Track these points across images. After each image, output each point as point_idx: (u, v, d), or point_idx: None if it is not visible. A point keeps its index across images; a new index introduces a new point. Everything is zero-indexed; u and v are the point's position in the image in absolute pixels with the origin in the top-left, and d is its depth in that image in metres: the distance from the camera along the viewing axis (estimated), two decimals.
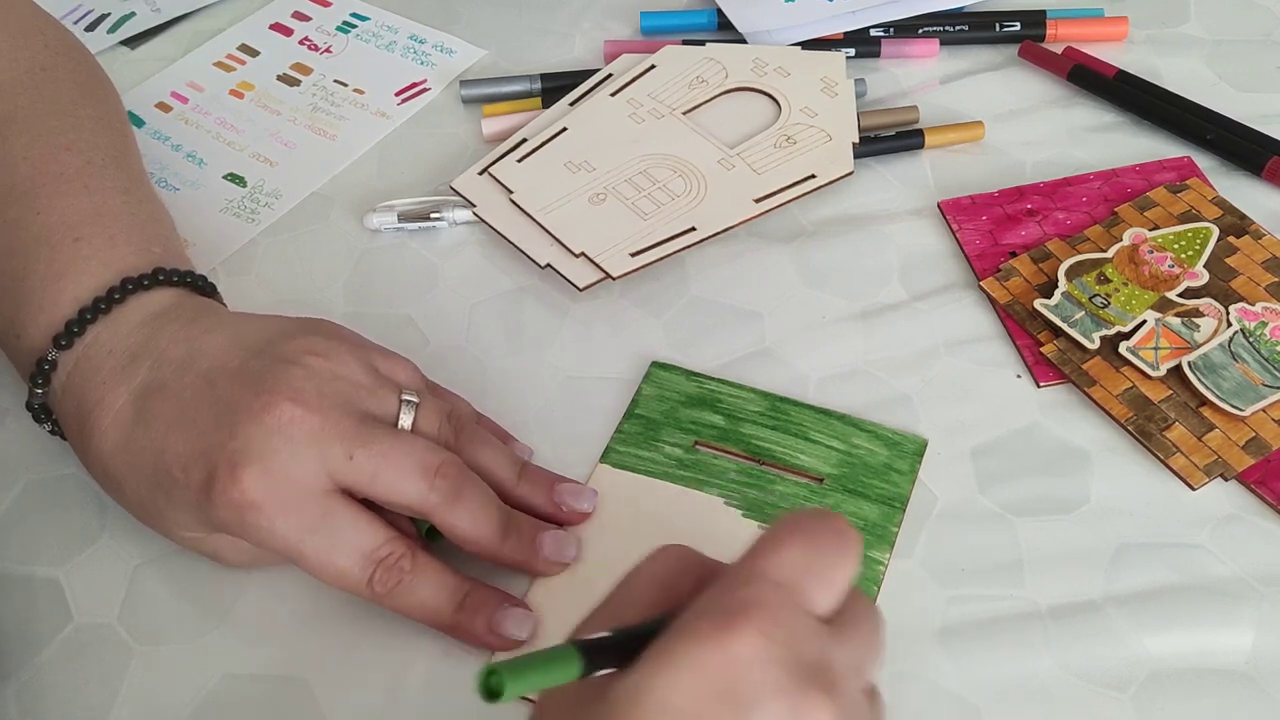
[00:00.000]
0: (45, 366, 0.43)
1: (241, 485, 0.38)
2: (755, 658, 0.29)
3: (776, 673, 0.29)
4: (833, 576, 0.32)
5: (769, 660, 0.29)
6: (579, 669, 0.29)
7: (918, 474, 0.47)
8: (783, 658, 0.29)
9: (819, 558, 0.32)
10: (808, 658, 0.30)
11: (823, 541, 0.32)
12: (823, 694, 0.29)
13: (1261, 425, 0.47)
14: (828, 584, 0.32)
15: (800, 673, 0.29)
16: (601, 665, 0.30)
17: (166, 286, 0.45)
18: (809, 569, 0.32)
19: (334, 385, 0.41)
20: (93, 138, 0.49)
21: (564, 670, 0.29)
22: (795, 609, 0.31)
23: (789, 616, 0.30)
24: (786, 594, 0.31)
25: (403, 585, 0.40)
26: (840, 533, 0.33)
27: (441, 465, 0.41)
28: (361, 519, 0.40)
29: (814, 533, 0.32)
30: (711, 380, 0.50)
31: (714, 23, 0.67)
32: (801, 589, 0.31)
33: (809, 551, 0.32)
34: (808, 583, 0.32)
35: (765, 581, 0.31)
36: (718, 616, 0.30)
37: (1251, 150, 0.58)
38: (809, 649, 0.30)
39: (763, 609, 0.30)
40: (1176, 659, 0.42)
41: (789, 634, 0.30)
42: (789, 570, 0.31)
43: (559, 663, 0.29)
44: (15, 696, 0.42)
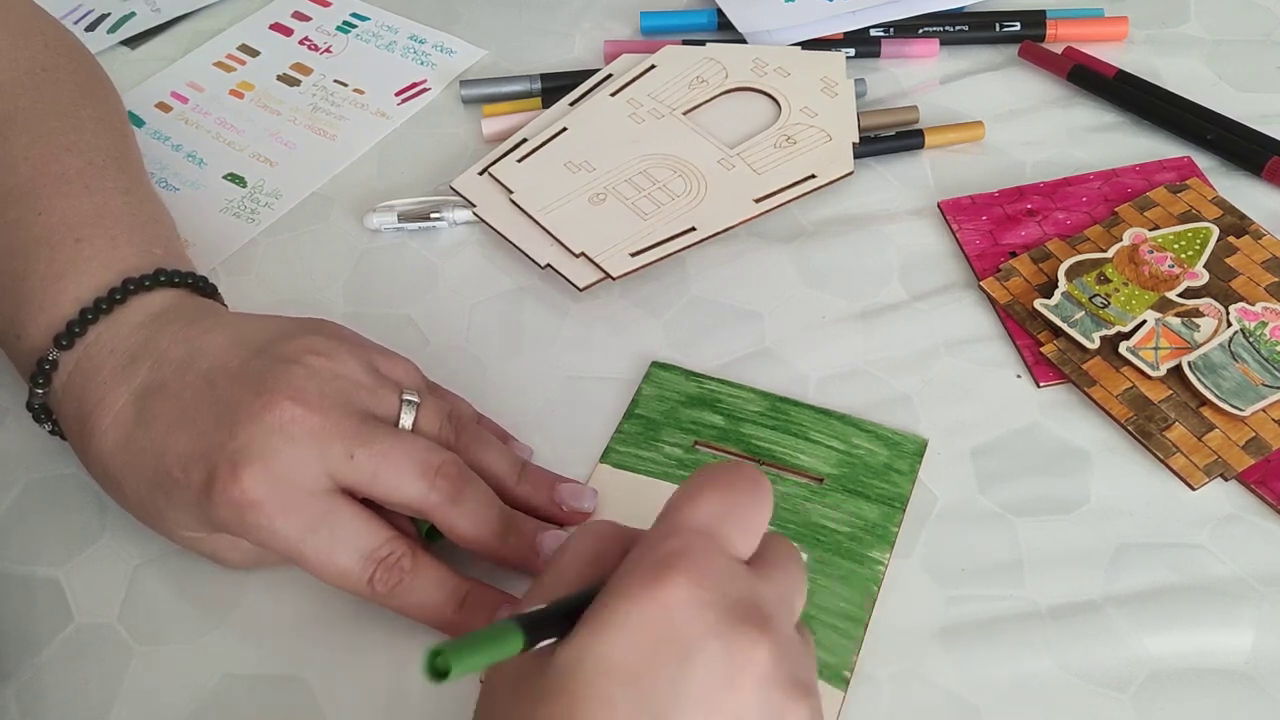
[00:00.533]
0: (46, 366, 0.43)
1: (242, 485, 0.38)
2: (687, 604, 0.30)
3: (709, 615, 0.31)
4: (750, 521, 0.34)
5: (700, 604, 0.31)
6: (521, 643, 0.30)
7: (918, 474, 0.47)
8: (713, 600, 0.31)
9: (735, 504, 0.34)
10: (737, 598, 0.31)
11: (737, 488, 0.34)
12: (756, 629, 0.31)
13: (1261, 425, 0.47)
14: (746, 528, 0.34)
15: (732, 612, 0.31)
16: (542, 638, 0.31)
17: (167, 287, 0.45)
18: (726, 516, 0.33)
19: (335, 385, 0.41)
20: (93, 138, 0.49)
21: (506, 645, 0.30)
22: (719, 554, 0.32)
23: (714, 561, 0.32)
24: (709, 541, 0.33)
25: (403, 585, 0.40)
26: (752, 479, 0.35)
27: (442, 465, 0.41)
28: (362, 518, 0.40)
29: (727, 482, 0.34)
30: (711, 380, 0.50)
31: (714, 23, 0.67)
32: (722, 535, 0.33)
33: (725, 499, 0.34)
34: (727, 528, 0.33)
35: (687, 532, 0.33)
36: (646, 571, 0.31)
37: (1251, 150, 0.58)
38: (737, 590, 0.32)
39: (688, 557, 0.31)
40: (1176, 659, 0.42)
41: (716, 578, 0.31)
42: (708, 519, 0.33)
43: (501, 639, 0.30)
44: (15, 696, 0.42)
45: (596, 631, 0.30)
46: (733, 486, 0.34)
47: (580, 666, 0.30)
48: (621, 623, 0.30)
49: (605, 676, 0.30)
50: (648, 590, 0.31)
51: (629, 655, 0.30)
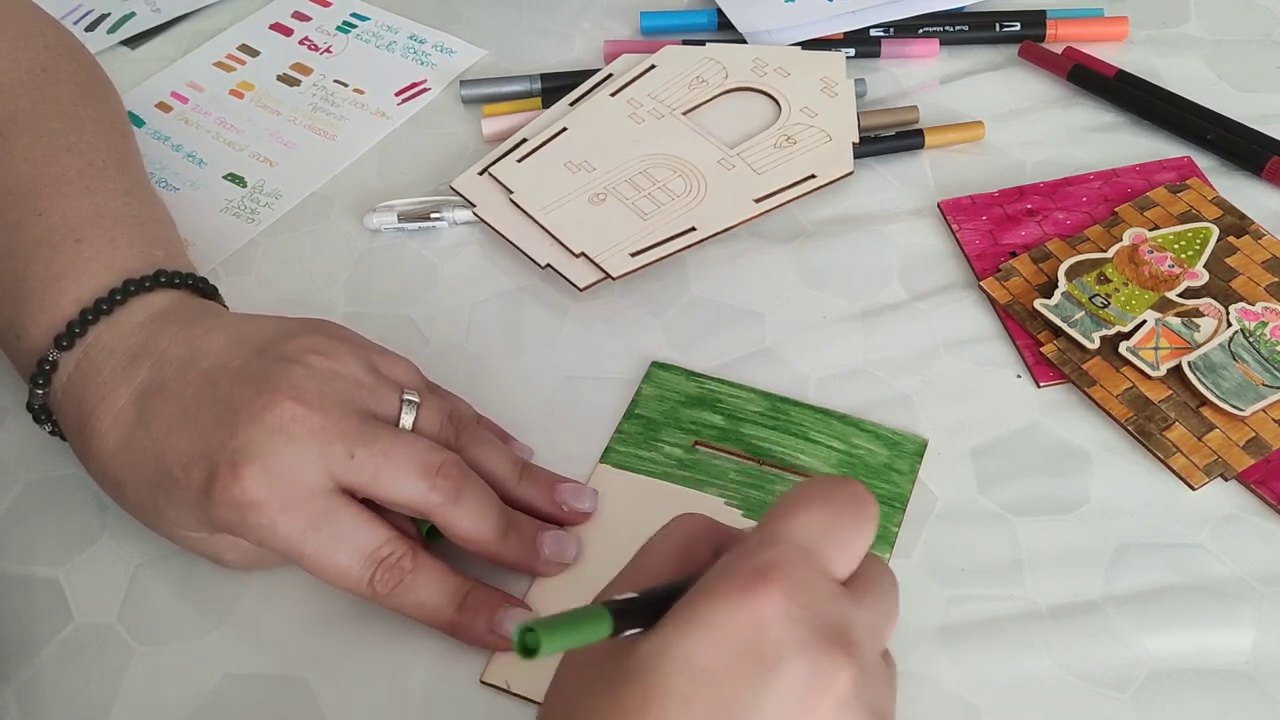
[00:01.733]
0: (46, 367, 0.43)
1: (243, 484, 0.38)
2: (778, 617, 0.30)
3: (798, 631, 0.30)
4: (851, 540, 0.33)
5: (791, 619, 0.30)
6: (610, 628, 0.30)
7: (918, 474, 0.47)
8: (804, 617, 0.30)
9: (838, 522, 0.33)
10: (829, 618, 0.31)
11: (841, 506, 0.33)
12: (843, 653, 0.30)
13: (1261, 425, 0.47)
14: (846, 548, 0.33)
15: (821, 632, 0.30)
16: (628, 626, 0.31)
17: (168, 288, 0.45)
18: (828, 532, 0.33)
19: (335, 384, 0.41)
20: (94, 139, 0.49)
21: (595, 629, 0.30)
22: (815, 571, 0.32)
23: (810, 578, 0.31)
24: (807, 556, 0.32)
25: (403, 585, 0.40)
26: (859, 498, 0.34)
27: (443, 465, 0.41)
28: (362, 518, 0.40)
29: (833, 497, 0.33)
30: (711, 380, 0.50)
31: (714, 23, 0.67)
32: (821, 552, 0.32)
33: (828, 515, 0.33)
34: (827, 546, 0.33)
35: (786, 544, 0.32)
36: (741, 578, 0.31)
37: (1251, 150, 0.58)
38: (829, 610, 0.31)
39: (784, 570, 0.31)
40: (1176, 659, 0.42)
41: (810, 595, 0.31)
42: (809, 533, 0.32)
43: (591, 622, 0.30)
44: (15, 696, 0.42)
45: (683, 629, 0.30)
46: (837, 503, 0.33)
47: (662, 659, 0.30)
48: (709, 624, 0.30)
49: (685, 674, 0.30)
50: (739, 596, 0.30)
51: (712, 657, 0.30)
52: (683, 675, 0.30)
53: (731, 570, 0.31)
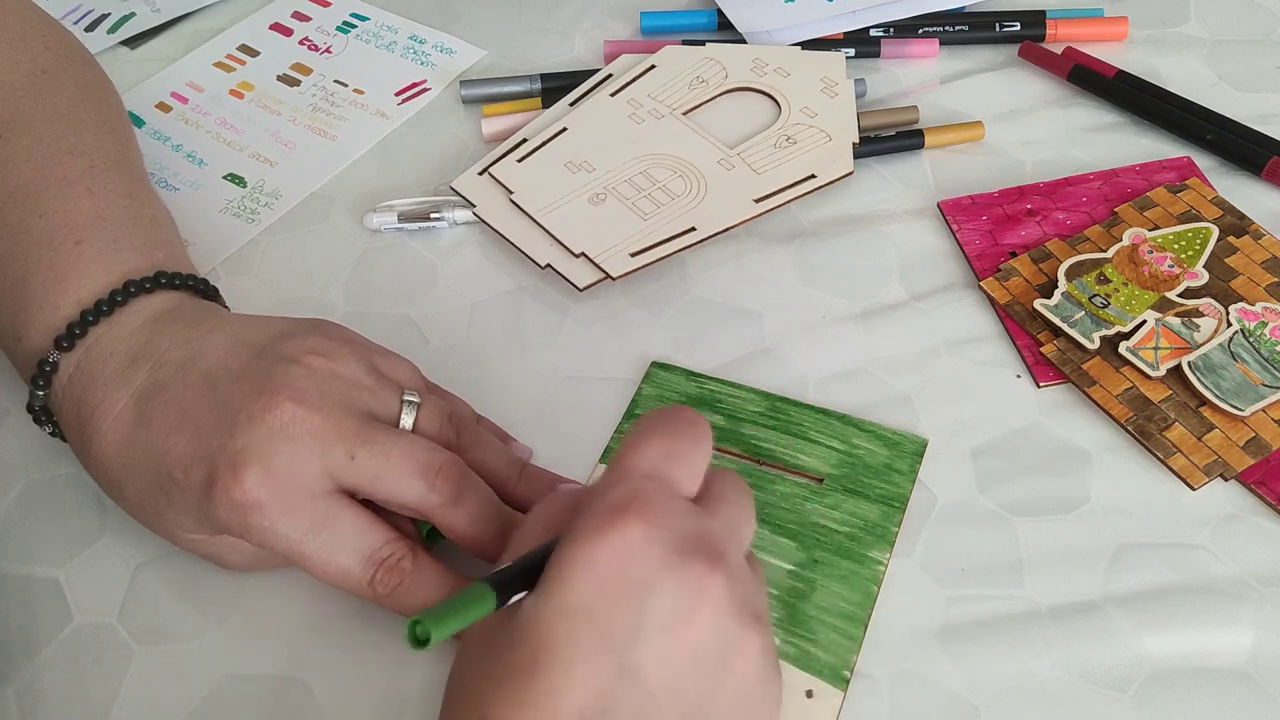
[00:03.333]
0: (46, 368, 0.43)
1: (243, 485, 0.38)
2: (640, 542, 0.32)
3: (663, 552, 0.32)
4: (692, 460, 0.36)
5: (652, 542, 0.32)
6: (493, 601, 0.32)
7: (918, 474, 0.47)
8: (664, 538, 0.33)
9: (676, 445, 0.36)
10: (687, 533, 0.33)
11: (677, 431, 0.36)
12: (707, 562, 0.33)
13: (1261, 425, 0.47)
14: (690, 467, 0.36)
15: (683, 547, 0.32)
16: (512, 594, 0.33)
17: (168, 289, 0.45)
18: (669, 457, 0.35)
19: (335, 385, 0.41)
20: (95, 140, 0.49)
21: (480, 606, 0.32)
22: (667, 494, 0.34)
23: (663, 501, 0.33)
24: (656, 482, 0.34)
25: (404, 586, 0.40)
26: (690, 420, 0.36)
27: (443, 466, 0.41)
28: (363, 519, 0.40)
29: (667, 426, 0.36)
30: (711, 380, 0.50)
31: (714, 23, 0.67)
32: (668, 476, 0.35)
33: (667, 443, 0.36)
34: (672, 469, 0.35)
35: (635, 476, 0.34)
36: (599, 516, 0.33)
37: (1251, 150, 0.58)
38: (686, 526, 0.33)
39: (639, 499, 0.33)
40: (1176, 659, 0.42)
41: (666, 516, 0.33)
42: (654, 462, 0.35)
43: (474, 600, 0.32)
44: (15, 697, 0.42)
45: (556, 577, 0.32)
46: (673, 430, 0.36)
47: (542, 611, 0.32)
48: (579, 566, 0.32)
49: (566, 618, 0.31)
50: (601, 533, 0.32)
51: (588, 596, 0.31)
52: (564, 620, 0.31)
53: (590, 513, 0.33)
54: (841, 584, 0.43)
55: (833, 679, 0.41)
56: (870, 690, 0.41)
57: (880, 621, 0.43)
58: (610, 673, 0.31)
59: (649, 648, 0.31)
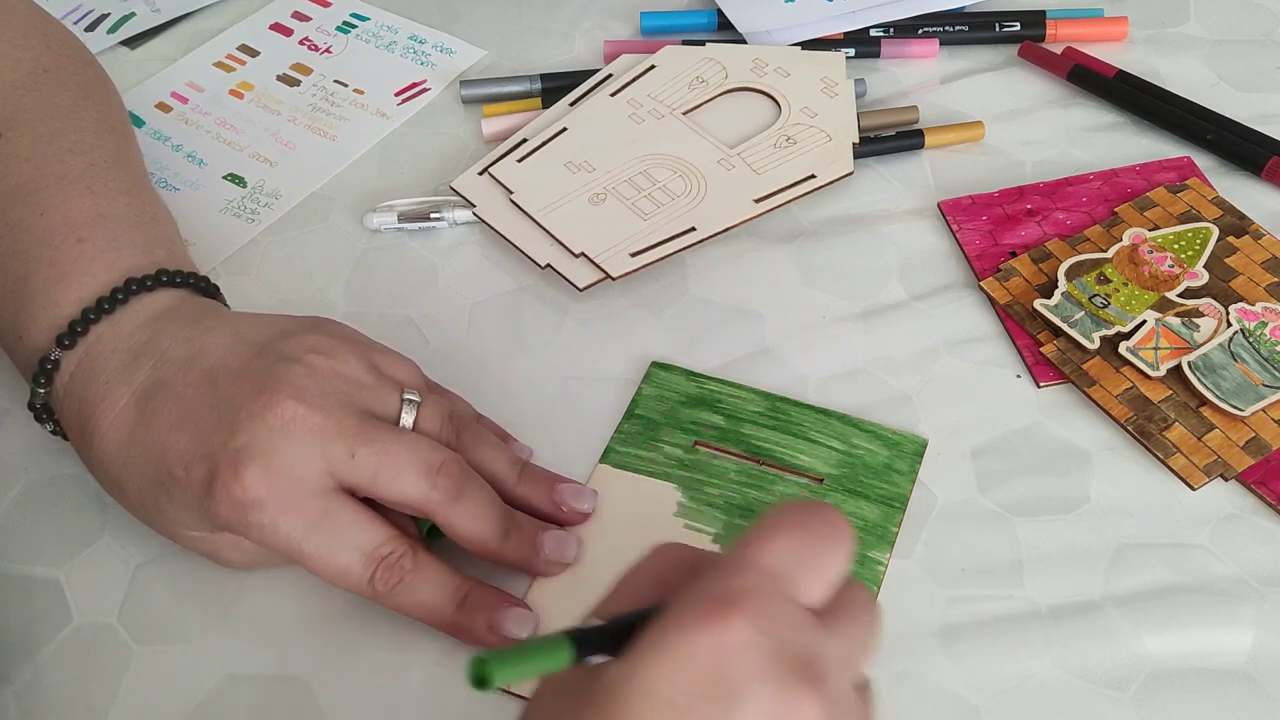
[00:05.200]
0: (48, 366, 0.43)
1: (244, 483, 0.39)
2: (743, 646, 0.29)
3: (764, 661, 0.29)
4: (824, 567, 0.32)
5: (756, 649, 0.29)
6: (569, 657, 0.30)
7: (918, 474, 0.47)
8: (770, 647, 0.29)
9: (810, 548, 0.32)
10: (796, 648, 0.30)
11: (815, 531, 0.32)
12: (810, 686, 0.29)
13: (1261, 425, 0.47)
14: (819, 574, 0.32)
15: (788, 663, 0.29)
16: (593, 653, 0.30)
17: (169, 287, 0.45)
18: (800, 559, 0.32)
19: (336, 384, 0.41)
20: (95, 139, 0.49)
21: (554, 658, 0.30)
22: (785, 599, 0.31)
23: (779, 606, 0.30)
24: (777, 583, 0.31)
25: (404, 584, 0.40)
26: (833, 523, 0.33)
27: (443, 464, 0.41)
28: (363, 517, 0.40)
29: (806, 523, 0.32)
30: (711, 380, 0.50)
31: (714, 23, 0.67)
32: (792, 579, 0.31)
33: (800, 541, 0.32)
34: (799, 573, 0.32)
35: (755, 571, 0.31)
36: (707, 605, 0.30)
37: (1251, 150, 0.58)
38: (798, 639, 0.30)
39: (752, 598, 0.30)
40: (1176, 659, 0.42)
41: (778, 624, 0.30)
42: (780, 559, 0.31)
43: (549, 651, 0.30)
44: (15, 697, 0.42)
45: (646, 657, 0.29)
46: (810, 528, 0.32)
47: (625, 686, 0.29)
48: (673, 653, 0.29)
49: (648, 702, 0.29)
50: (704, 624, 0.29)
51: (674, 686, 0.29)
52: (645, 703, 0.29)
53: (699, 597, 0.30)
54: None
55: None
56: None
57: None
58: None
59: None
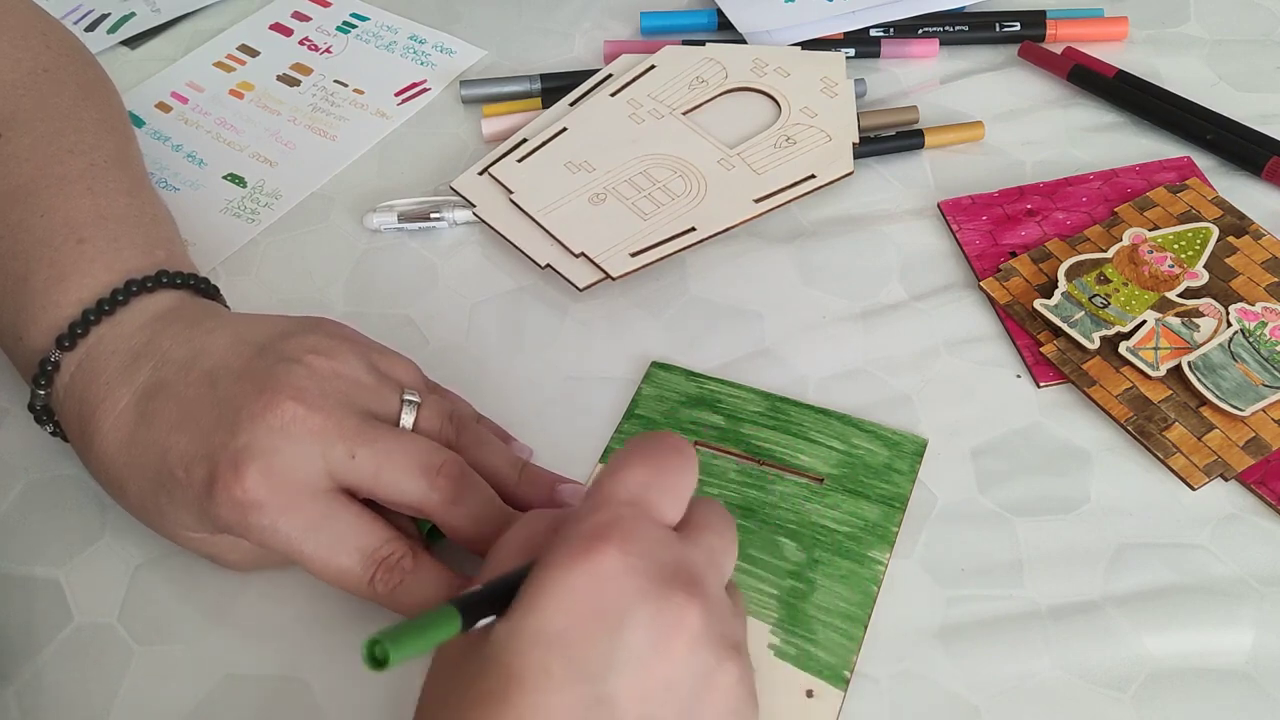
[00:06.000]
0: (48, 367, 0.43)
1: (244, 484, 0.39)
2: (617, 571, 0.32)
3: (640, 582, 0.32)
4: (676, 487, 0.35)
5: (631, 572, 0.32)
6: (458, 624, 0.31)
7: (918, 474, 0.47)
8: (642, 567, 0.32)
9: (660, 472, 0.35)
10: (665, 563, 0.33)
11: (662, 458, 0.35)
12: (684, 593, 0.32)
13: (1261, 425, 0.47)
14: (673, 495, 0.35)
15: (662, 578, 0.32)
16: (480, 617, 0.32)
17: (170, 288, 0.45)
18: (652, 484, 0.35)
19: (336, 384, 0.41)
20: (95, 139, 0.49)
21: (444, 628, 0.31)
22: (647, 522, 0.34)
23: (642, 530, 0.33)
24: (637, 510, 0.34)
25: (404, 585, 0.40)
26: (675, 447, 0.36)
27: (444, 464, 0.41)
28: (363, 518, 0.40)
29: (652, 451, 0.35)
30: (711, 380, 0.50)
31: (714, 23, 0.67)
32: (650, 504, 0.34)
33: (651, 469, 0.35)
34: (654, 497, 0.35)
35: (616, 503, 0.34)
36: (577, 542, 0.32)
37: (1251, 150, 0.58)
38: (665, 555, 0.33)
39: (617, 527, 0.33)
40: (1176, 659, 0.42)
41: (644, 545, 0.33)
42: (635, 489, 0.34)
43: (438, 622, 0.31)
44: (16, 697, 0.42)
45: (530, 603, 0.31)
46: (658, 455, 0.35)
47: (515, 638, 0.31)
48: (555, 592, 0.31)
49: (540, 646, 0.31)
50: (578, 561, 0.32)
51: (563, 624, 0.31)
52: (538, 648, 0.31)
53: (567, 539, 0.33)
54: (842, 584, 0.43)
55: (833, 679, 0.41)
56: (870, 690, 0.41)
57: (880, 621, 0.43)
58: (583, 704, 0.31)
59: (623, 679, 0.31)
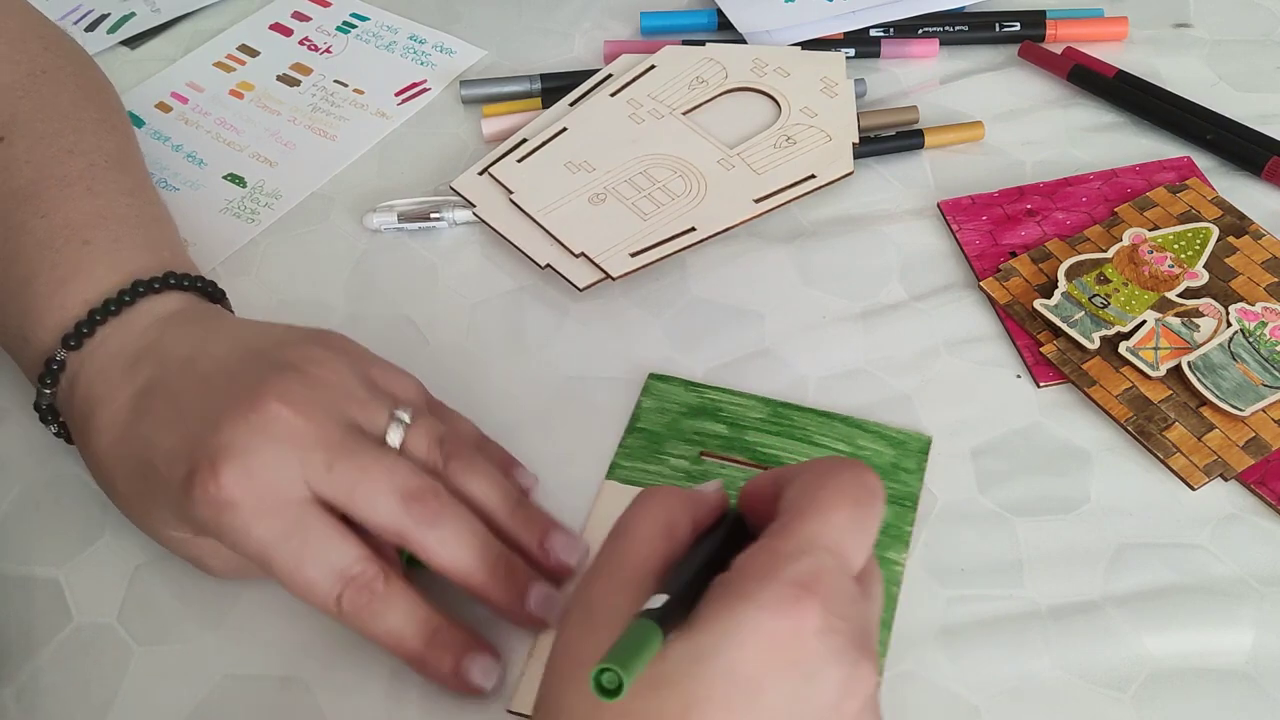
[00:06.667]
0: (54, 367, 0.43)
1: (219, 481, 0.38)
2: (818, 630, 0.31)
3: (836, 643, 0.31)
4: (870, 536, 0.34)
5: (831, 631, 0.31)
6: (660, 640, 0.31)
7: (925, 471, 0.47)
8: (841, 629, 0.31)
9: (861, 521, 0.34)
10: (859, 626, 0.32)
11: (864, 503, 0.34)
12: (869, 661, 0.32)
13: (1261, 425, 0.47)
14: (865, 546, 0.34)
15: (855, 642, 0.32)
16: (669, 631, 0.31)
17: (176, 290, 0.45)
18: (853, 532, 0.34)
19: (325, 393, 0.40)
20: (95, 140, 0.49)
21: (651, 647, 0.30)
22: (846, 577, 0.33)
23: (843, 586, 0.32)
24: (839, 562, 0.33)
25: (371, 608, 0.39)
26: (874, 490, 0.35)
27: (420, 490, 0.39)
28: (336, 533, 0.39)
29: (856, 495, 0.34)
30: (711, 389, 0.50)
31: (714, 23, 0.67)
32: (849, 555, 0.33)
33: (853, 515, 0.34)
34: (853, 548, 0.34)
35: (821, 551, 0.33)
36: (782, 588, 0.31)
37: (1251, 150, 0.58)
38: (858, 617, 0.32)
39: (823, 582, 0.32)
40: (1176, 659, 0.42)
41: (843, 604, 0.32)
42: (839, 536, 0.33)
43: (648, 642, 0.30)
44: (15, 697, 0.42)
45: (725, 637, 0.31)
46: (859, 499, 0.34)
47: (704, 667, 0.30)
48: (752, 634, 0.31)
49: (728, 683, 0.30)
50: (785, 609, 0.31)
51: (754, 668, 0.30)
52: (725, 684, 0.30)
53: (772, 578, 0.32)
54: None
55: None
56: None
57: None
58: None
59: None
